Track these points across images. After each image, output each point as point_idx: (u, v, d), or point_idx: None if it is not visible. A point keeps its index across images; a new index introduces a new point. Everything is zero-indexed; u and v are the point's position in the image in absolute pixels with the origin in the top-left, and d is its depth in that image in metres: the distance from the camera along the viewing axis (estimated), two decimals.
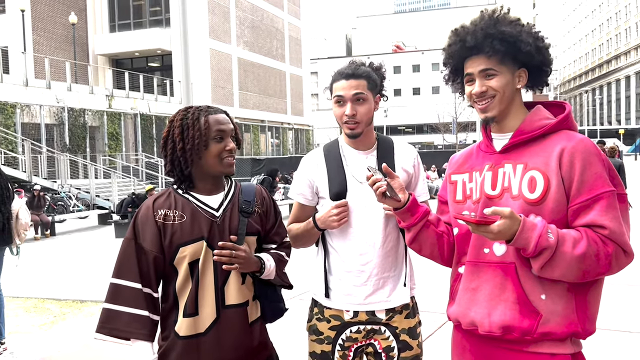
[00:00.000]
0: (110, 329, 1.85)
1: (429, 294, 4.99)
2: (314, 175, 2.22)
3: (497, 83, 1.65)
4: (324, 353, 2.17)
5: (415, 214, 1.78)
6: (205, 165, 1.89)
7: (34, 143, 19.92)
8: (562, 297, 1.57)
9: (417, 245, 1.83)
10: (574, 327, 1.57)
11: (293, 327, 3.89)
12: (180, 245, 1.83)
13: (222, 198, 1.93)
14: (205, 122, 1.87)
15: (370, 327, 2.16)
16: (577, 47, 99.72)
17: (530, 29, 1.65)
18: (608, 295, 5.70)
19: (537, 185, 1.56)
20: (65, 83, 25.32)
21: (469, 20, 1.71)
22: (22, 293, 7.02)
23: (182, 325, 1.84)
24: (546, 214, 1.54)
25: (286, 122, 42.59)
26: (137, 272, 1.84)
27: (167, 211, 1.87)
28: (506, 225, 1.46)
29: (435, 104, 51.51)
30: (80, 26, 31.45)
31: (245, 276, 1.91)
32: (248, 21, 37.38)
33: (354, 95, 2.10)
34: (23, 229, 4.85)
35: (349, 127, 2.12)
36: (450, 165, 1.87)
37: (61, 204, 18.01)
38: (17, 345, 4.89)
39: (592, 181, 1.54)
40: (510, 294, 1.58)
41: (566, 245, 1.49)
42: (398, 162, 2.20)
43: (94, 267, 9.23)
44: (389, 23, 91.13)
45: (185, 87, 5.96)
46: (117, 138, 26.59)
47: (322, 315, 2.20)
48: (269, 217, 2.03)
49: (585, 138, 1.60)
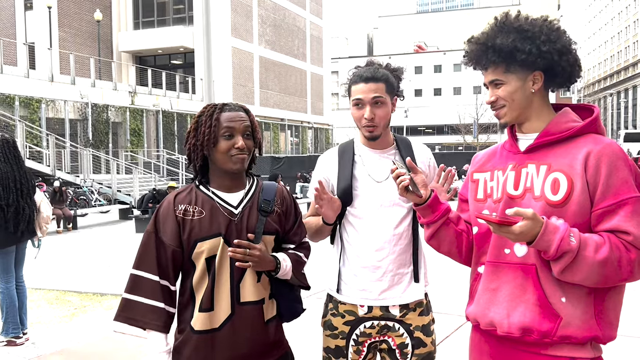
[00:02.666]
0: (126, 317, 1.89)
1: (446, 295, 4.96)
2: (328, 173, 2.28)
3: (503, 92, 1.67)
4: (338, 348, 2.20)
5: (436, 210, 1.78)
6: (216, 161, 1.92)
7: (58, 138, 20.22)
8: (582, 301, 1.55)
9: (435, 241, 1.84)
10: (594, 332, 1.55)
11: (309, 325, 3.92)
12: (198, 240, 1.86)
13: (242, 196, 1.95)
14: (216, 119, 1.89)
15: (384, 323, 2.18)
16: (601, 50, 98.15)
17: (534, 34, 1.62)
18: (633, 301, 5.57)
19: (561, 187, 1.55)
20: (90, 79, 25.66)
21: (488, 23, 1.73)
22: (44, 285, 7.15)
23: (197, 320, 1.86)
24: (569, 216, 1.53)
25: (306, 121, 42.64)
26: (156, 265, 1.87)
27: (187, 206, 1.90)
28: (528, 226, 1.45)
29: (456, 104, 51.16)
30: (105, 23, 31.86)
31: (260, 274, 1.92)
32: (270, 20, 37.50)
33: (373, 99, 2.13)
34: (45, 222, 4.93)
35: (368, 130, 2.16)
36: (473, 164, 1.86)
37: (83, 198, 18.28)
38: (38, 335, 4.98)
39: (618, 186, 1.52)
40: (530, 295, 1.57)
41: (588, 250, 1.47)
42: (417, 162, 2.23)
43: (115, 261, 9.35)
44: (411, 23, 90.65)
45: (207, 85, 6.02)
46: (139, 134, 26.87)
47: (336, 311, 2.23)
48: (289, 217, 2.04)
49: (613, 142, 1.58)
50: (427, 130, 69.99)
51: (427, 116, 68.23)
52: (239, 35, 33.98)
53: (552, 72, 1.66)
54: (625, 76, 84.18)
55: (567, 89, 1.81)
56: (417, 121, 64.58)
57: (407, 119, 49.51)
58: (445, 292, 4.54)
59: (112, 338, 4.82)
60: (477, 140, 43.74)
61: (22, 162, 4.71)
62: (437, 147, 46.10)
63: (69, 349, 4.65)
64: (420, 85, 71.79)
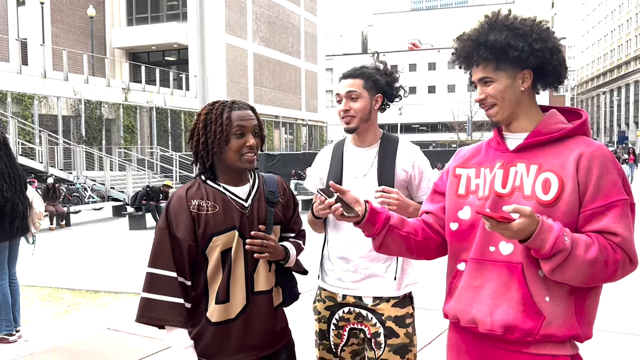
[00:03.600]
0: (149, 317, 1.88)
1: (440, 293, 4.99)
2: (321, 168, 2.44)
3: (494, 90, 1.67)
4: (321, 331, 2.35)
5: (376, 223, 1.76)
6: (226, 159, 1.94)
7: (50, 134, 20.13)
8: (564, 300, 1.58)
9: (385, 249, 1.84)
10: (574, 331, 1.58)
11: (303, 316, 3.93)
12: (213, 235, 1.89)
13: (249, 189, 2.00)
14: (228, 117, 1.91)
15: (358, 311, 2.28)
16: (595, 48, 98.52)
17: (525, 32, 1.63)
18: (622, 298, 5.65)
19: (552, 187, 1.56)
20: (83, 75, 25.54)
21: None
22: (37, 282, 7.11)
23: (214, 312, 1.90)
24: (558, 216, 1.54)
25: (300, 118, 42.61)
26: (172, 261, 1.88)
27: (200, 201, 1.92)
28: (526, 224, 1.46)
29: (450, 102, 51.25)
30: (98, 19, 31.70)
31: (271, 264, 2.00)
32: (264, 17, 37.42)
33: (348, 93, 2.28)
34: (38, 218, 4.92)
35: (345, 121, 2.31)
36: (456, 159, 1.85)
37: (76, 195, 18.20)
38: (31, 333, 4.96)
39: (608, 188, 1.55)
40: (514, 293, 1.58)
41: (579, 249, 1.49)
42: (399, 161, 2.31)
43: (108, 258, 9.32)
44: (405, 20, 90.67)
45: (201, 82, 6.00)
46: (132, 131, 26.78)
47: (320, 296, 2.39)
48: (290, 207, 2.12)
49: (602, 145, 1.62)
50: (421, 128, 70.10)
51: (421, 114, 68.31)
52: (233, 32, 33.89)
53: (542, 71, 1.67)
54: (619, 74, 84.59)
55: (555, 89, 1.82)
56: (411, 119, 64.61)
57: (401, 116, 49.55)
58: (438, 289, 4.51)
59: (106, 335, 4.81)
60: (470, 138, 43.85)
61: (14, 158, 4.68)
62: (432, 144, 46.13)
63: (62, 346, 4.63)
64: (414, 82, 71.83)
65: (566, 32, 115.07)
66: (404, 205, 2.19)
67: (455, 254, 1.76)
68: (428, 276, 2.43)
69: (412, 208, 2.19)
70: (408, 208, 2.19)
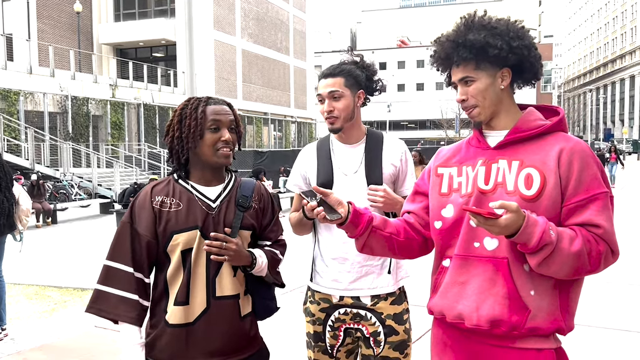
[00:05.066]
0: (98, 309, 1.86)
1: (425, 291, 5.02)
2: (306, 167, 2.39)
3: (475, 89, 1.70)
4: (316, 333, 2.32)
5: (359, 224, 1.77)
6: (201, 154, 1.90)
7: (37, 131, 19.93)
8: (549, 294, 1.61)
9: (368, 250, 1.84)
10: (558, 324, 1.61)
11: (290, 318, 3.92)
12: (174, 233, 1.85)
13: (220, 190, 1.95)
14: (202, 111, 1.89)
15: (356, 311, 2.26)
16: (581, 46, 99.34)
17: (502, 31, 1.67)
18: (607, 294, 5.73)
19: (534, 182, 1.59)
20: (69, 71, 25.31)
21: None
22: (23, 280, 7.05)
23: (172, 314, 1.85)
24: (541, 211, 1.57)
25: (289, 115, 42.56)
26: (130, 256, 1.85)
27: (165, 198, 1.89)
28: (513, 219, 1.48)
29: (438, 99, 51.41)
30: (85, 15, 31.41)
31: (237, 269, 1.92)
32: (253, 13, 37.29)
33: (330, 93, 2.25)
34: (24, 214, 4.88)
35: (329, 122, 2.29)
36: (437, 159, 1.87)
37: (63, 192, 18.05)
38: (17, 331, 4.92)
39: (589, 182, 1.59)
40: (500, 288, 1.60)
41: (564, 242, 1.52)
42: (386, 156, 2.31)
43: (95, 255, 9.25)
44: (394, 18, 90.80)
45: (190, 78, 5.97)
46: (120, 127, 26.60)
47: (313, 298, 2.34)
48: (266, 214, 2.03)
49: (581, 140, 1.66)
50: (409, 125, 70.27)
51: (410, 111, 68.47)
52: (222, 28, 33.75)
53: (521, 68, 1.71)
54: (605, 72, 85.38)
55: (533, 86, 1.85)
56: (399, 116, 64.73)
57: (389, 113, 49.65)
58: (427, 285, 4.53)
59: (93, 333, 4.78)
60: (458, 135, 44.02)
61: None
62: (420, 142, 46.24)
63: (49, 344, 4.60)
64: (403, 80, 71.97)
65: (553, 30, 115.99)
66: (391, 203, 2.20)
67: (440, 251, 1.78)
68: (414, 274, 2.44)
69: (399, 205, 2.20)
70: (395, 205, 2.20)
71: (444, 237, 1.75)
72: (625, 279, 6.14)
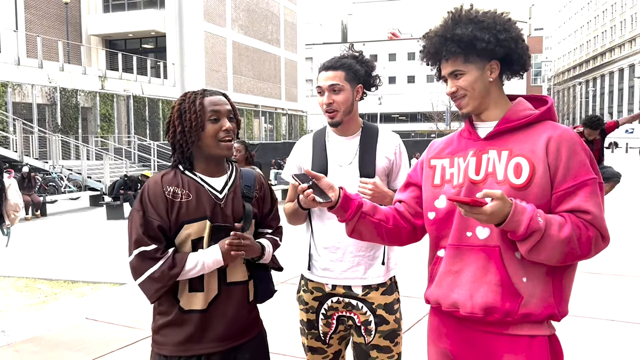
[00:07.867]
0: (158, 288, 1.87)
1: (419, 279, 5.05)
2: (301, 157, 2.42)
3: (464, 82, 1.73)
4: (309, 321, 2.37)
5: (348, 209, 1.81)
6: (204, 147, 1.94)
7: (25, 123, 19.77)
8: (541, 281, 1.63)
9: (357, 235, 1.88)
10: (551, 309, 1.64)
11: (283, 308, 3.95)
12: (185, 222, 1.91)
13: (225, 181, 2.01)
14: (201, 103, 1.92)
15: (347, 301, 2.31)
16: (571, 39, 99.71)
17: (489, 24, 1.70)
18: (595, 285, 5.79)
19: (523, 171, 1.62)
20: (58, 63, 25.08)
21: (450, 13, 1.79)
22: (13, 272, 7.02)
23: (187, 300, 1.92)
24: (531, 199, 1.60)
25: (280, 107, 42.46)
26: (148, 238, 1.88)
27: (176, 188, 1.93)
28: (499, 207, 1.50)
29: (429, 92, 51.52)
30: (73, 5, 31.08)
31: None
32: (243, 4, 37.08)
33: (330, 86, 2.27)
34: (13, 209, 4.84)
35: (329, 115, 2.31)
36: (430, 151, 1.91)
37: (52, 184, 17.95)
38: (8, 324, 4.90)
39: (577, 168, 1.61)
40: (493, 276, 1.63)
41: (553, 229, 1.54)
42: (380, 149, 2.35)
43: (85, 248, 9.23)
44: (385, 10, 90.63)
45: (180, 70, 5.94)
46: (109, 120, 26.42)
47: (306, 287, 2.39)
48: (266, 203, 2.11)
49: (569, 128, 1.69)
50: (400, 118, 70.38)
51: (401, 104, 68.54)
52: (212, 19, 33.52)
53: (509, 60, 1.74)
54: (594, 65, 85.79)
55: (521, 77, 1.89)
56: (390, 108, 64.82)
57: (381, 106, 49.68)
58: (418, 276, 4.57)
59: (84, 326, 4.78)
60: (449, 128, 44.19)
61: None
62: (411, 134, 46.40)
63: (40, 336, 4.59)
64: (394, 72, 71.95)
65: (543, 23, 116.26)
66: (380, 196, 2.23)
67: (435, 241, 1.81)
68: (406, 265, 2.46)
69: (389, 198, 2.23)
70: (384, 199, 2.24)
71: (437, 227, 1.78)
72: (610, 269, 6.22)
